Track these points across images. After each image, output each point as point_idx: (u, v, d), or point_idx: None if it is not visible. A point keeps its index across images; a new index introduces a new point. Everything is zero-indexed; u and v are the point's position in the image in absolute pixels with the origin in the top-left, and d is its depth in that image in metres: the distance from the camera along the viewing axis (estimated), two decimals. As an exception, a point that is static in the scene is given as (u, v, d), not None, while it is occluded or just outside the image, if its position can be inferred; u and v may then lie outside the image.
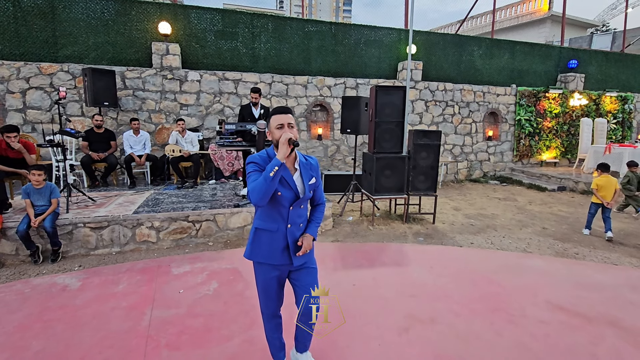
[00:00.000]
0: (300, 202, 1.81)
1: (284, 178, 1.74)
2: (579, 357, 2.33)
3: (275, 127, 1.75)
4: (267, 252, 1.81)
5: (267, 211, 1.79)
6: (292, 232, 1.82)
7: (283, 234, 1.80)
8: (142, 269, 3.57)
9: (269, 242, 1.81)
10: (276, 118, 1.76)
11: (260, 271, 1.87)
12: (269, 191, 1.64)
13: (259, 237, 1.82)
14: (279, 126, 1.74)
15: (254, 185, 1.66)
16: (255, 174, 1.71)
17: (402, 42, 8.27)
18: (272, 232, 1.80)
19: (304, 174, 1.83)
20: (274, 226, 1.79)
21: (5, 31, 5.86)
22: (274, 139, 1.76)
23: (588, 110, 9.75)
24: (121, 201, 4.69)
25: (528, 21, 20.58)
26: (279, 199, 1.75)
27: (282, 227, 1.79)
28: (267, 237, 1.81)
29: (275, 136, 1.74)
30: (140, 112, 6.53)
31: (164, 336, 2.47)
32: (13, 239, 3.67)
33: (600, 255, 4.19)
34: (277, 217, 1.78)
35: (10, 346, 2.35)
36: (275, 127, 1.75)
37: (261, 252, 1.82)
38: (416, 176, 5.26)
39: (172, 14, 6.69)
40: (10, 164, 4.33)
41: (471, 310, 2.86)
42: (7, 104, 5.83)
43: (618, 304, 3.01)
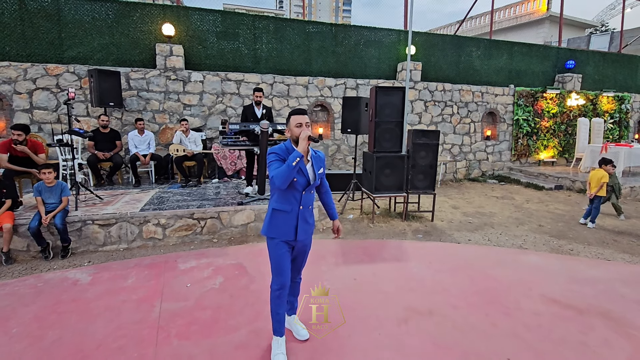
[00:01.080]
0: (310, 187, 2.16)
1: (299, 167, 2.04)
2: (570, 345, 2.45)
3: (295, 126, 2.07)
4: (281, 229, 2.13)
5: (284, 195, 2.11)
6: (302, 213, 2.15)
7: (295, 214, 2.13)
8: (150, 264, 3.68)
9: (284, 221, 2.13)
10: (295, 118, 2.08)
11: (274, 246, 2.16)
12: (290, 177, 1.99)
13: (276, 217, 2.14)
14: (298, 124, 2.06)
15: (278, 171, 1.99)
16: (276, 162, 2.05)
17: (401, 43, 8.39)
18: (287, 213, 2.12)
19: (315, 165, 2.17)
20: (289, 207, 2.12)
21: (12, 33, 5.97)
22: (294, 135, 2.08)
23: (585, 110, 9.88)
24: (127, 199, 4.80)
25: (526, 22, 20.70)
26: (294, 185, 2.07)
27: (296, 209, 2.13)
28: (282, 216, 2.13)
29: (295, 133, 2.07)
30: (145, 113, 6.65)
31: (173, 327, 2.58)
32: (25, 235, 3.78)
33: (594, 252, 4.31)
34: (292, 200, 2.12)
35: (27, 335, 2.47)
36: (294, 126, 2.07)
37: (277, 229, 2.14)
38: (415, 175, 5.38)
39: (175, 15, 6.80)
40: (20, 163, 4.44)
41: (468, 303, 2.97)
42: (14, 105, 5.94)
43: (609, 297, 3.13)
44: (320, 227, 4.94)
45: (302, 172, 2.08)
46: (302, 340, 2.43)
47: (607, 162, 5.38)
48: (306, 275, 3.39)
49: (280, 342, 2.26)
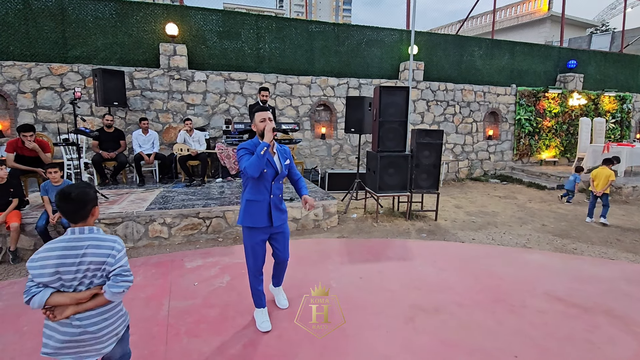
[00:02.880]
0: (279, 177, 2.45)
1: (267, 159, 2.32)
2: (576, 343, 2.48)
3: (259, 121, 2.37)
4: (256, 217, 2.40)
5: (256, 186, 2.38)
6: (273, 201, 2.43)
7: (267, 203, 2.41)
8: (157, 263, 3.71)
9: (257, 210, 2.40)
10: (260, 114, 2.37)
11: (250, 235, 2.44)
12: (261, 166, 2.26)
13: (249, 207, 2.40)
14: (262, 120, 2.36)
15: (249, 162, 2.25)
16: (246, 156, 2.32)
17: (403, 42, 8.41)
18: (259, 202, 2.40)
19: (281, 157, 2.49)
20: (261, 197, 2.40)
21: (16, 32, 5.99)
22: (259, 129, 2.38)
23: (587, 109, 9.90)
24: (132, 198, 4.82)
25: (528, 21, 20.70)
26: (265, 176, 2.35)
27: (267, 198, 2.41)
28: (255, 206, 2.40)
29: (260, 127, 2.37)
30: (148, 112, 6.67)
31: (182, 324, 2.61)
32: (32, 234, 3.81)
33: (597, 251, 4.33)
34: (263, 190, 2.40)
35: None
36: (259, 121, 2.37)
37: (251, 218, 2.40)
38: (419, 174, 5.40)
39: (178, 15, 6.82)
40: (26, 163, 4.47)
41: (473, 301, 3.00)
42: (18, 104, 5.96)
43: (613, 296, 3.15)
44: (325, 226, 4.96)
45: (271, 163, 2.37)
46: (283, 309, 2.78)
47: (612, 162, 5.57)
48: (312, 274, 3.44)
49: (263, 312, 2.61)
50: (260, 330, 2.51)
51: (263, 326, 2.51)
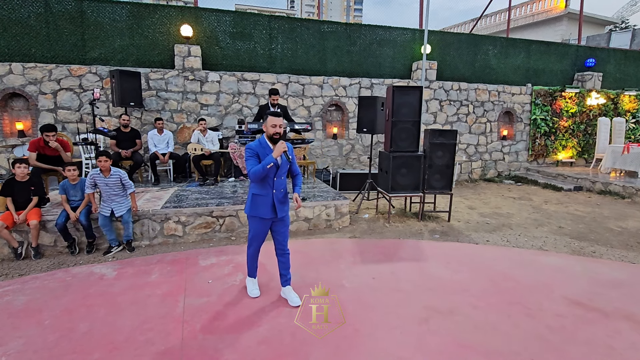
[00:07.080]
0: (280, 174, 2.74)
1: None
2: (597, 348, 2.41)
3: (271, 126, 2.65)
4: (261, 209, 2.73)
5: (261, 182, 2.69)
6: (276, 195, 2.74)
7: (271, 197, 2.73)
8: (172, 260, 3.77)
9: (262, 202, 2.72)
10: (272, 119, 2.64)
11: (255, 223, 2.81)
12: (263, 175, 2.61)
13: (256, 200, 2.74)
14: (273, 125, 2.64)
15: (254, 170, 2.58)
16: (251, 159, 2.63)
17: (416, 42, 8.34)
18: (264, 196, 2.72)
19: (282, 156, 2.70)
20: (265, 192, 2.72)
21: (38, 35, 6.18)
22: (268, 132, 2.67)
23: (606, 109, 9.63)
24: (148, 197, 4.91)
25: (544, 19, 20.24)
26: (268, 173, 2.64)
27: (270, 192, 2.72)
28: (261, 199, 2.72)
29: (269, 132, 2.66)
30: (163, 112, 6.78)
31: (198, 321, 2.64)
32: (52, 231, 3.92)
33: (617, 254, 4.22)
34: (267, 186, 2.71)
35: (60, 327, 2.56)
36: (270, 126, 2.65)
37: (257, 209, 2.74)
38: (432, 175, 5.35)
39: (193, 17, 6.92)
40: (48, 162, 4.60)
41: (488, 304, 2.95)
42: (39, 105, 6.14)
43: (634, 300, 3.06)
44: (337, 227, 4.96)
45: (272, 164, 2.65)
46: (295, 306, 2.83)
47: None
48: (325, 274, 3.44)
49: (254, 282, 3.06)
50: (251, 296, 2.97)
51: (253, 293, 2.99)
